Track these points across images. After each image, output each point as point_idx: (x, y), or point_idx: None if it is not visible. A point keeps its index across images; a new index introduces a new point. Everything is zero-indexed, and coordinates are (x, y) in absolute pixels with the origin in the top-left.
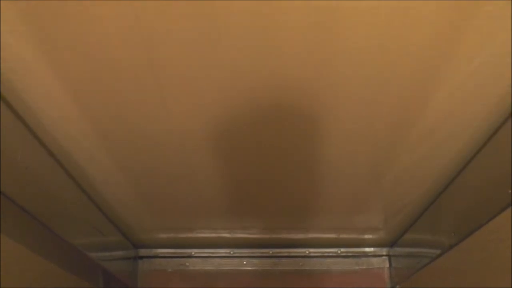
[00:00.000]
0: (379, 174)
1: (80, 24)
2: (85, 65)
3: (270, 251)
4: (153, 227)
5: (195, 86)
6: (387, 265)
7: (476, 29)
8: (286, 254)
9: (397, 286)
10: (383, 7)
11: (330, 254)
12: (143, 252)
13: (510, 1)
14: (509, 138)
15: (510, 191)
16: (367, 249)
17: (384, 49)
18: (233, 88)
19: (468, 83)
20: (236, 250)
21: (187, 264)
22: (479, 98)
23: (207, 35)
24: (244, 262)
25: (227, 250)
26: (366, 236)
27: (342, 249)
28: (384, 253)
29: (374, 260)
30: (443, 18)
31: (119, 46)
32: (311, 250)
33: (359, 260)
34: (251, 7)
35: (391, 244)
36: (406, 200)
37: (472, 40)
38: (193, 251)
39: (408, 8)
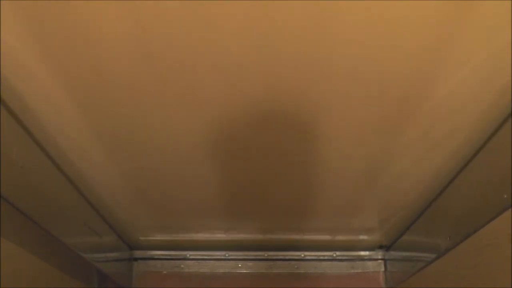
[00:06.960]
0: (374, 177)
1: (79, 24)
2: (82, 63)
3: (265, 254)
4: (148, 229)
5: (194, 88)
6: (383, 269)
7: (473, 30)
8: (281, 257)
9: None
10: (380, 8)
11: (326, 258)
12: (138, 253)
13: (510, 0)
14: (506, 142)
15: (506, 196)
16: (362, 253)
17: (380, 50)
18: (232, 91)
19: (465, 85)
20: (231, 253)
21: (182, 266)
22: (475, 100)
23: (206, 37)
24: (239, 265)
25: (223, 253)
26: (361, 239)
27: (338, 253)
28: (380, 257)
29: (370, 263)
30: (440, 19)
31: (119, 46)
32: (307, 253)
33: (355, 263)
34: (249, 10)
35: (387, 247)
36: (402, 203)
37: (469, 40)
38: (189, 253)
39: (404, 8)
